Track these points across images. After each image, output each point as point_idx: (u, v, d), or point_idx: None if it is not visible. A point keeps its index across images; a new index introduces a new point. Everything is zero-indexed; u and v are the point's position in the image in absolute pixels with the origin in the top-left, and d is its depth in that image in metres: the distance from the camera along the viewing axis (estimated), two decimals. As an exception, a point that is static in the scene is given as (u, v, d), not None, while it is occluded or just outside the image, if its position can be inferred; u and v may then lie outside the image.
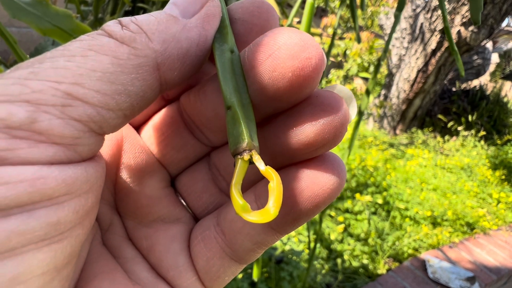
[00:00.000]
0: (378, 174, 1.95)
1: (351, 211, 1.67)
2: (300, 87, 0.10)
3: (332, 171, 0.11)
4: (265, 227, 0.11)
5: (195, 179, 0.13)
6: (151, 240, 0.12)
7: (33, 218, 0.07)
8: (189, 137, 0.13)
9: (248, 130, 0.10)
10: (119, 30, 0.09)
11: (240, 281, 0.91)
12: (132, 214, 0.12)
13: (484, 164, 2.56)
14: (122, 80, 0.08)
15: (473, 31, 2.65)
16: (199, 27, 0.10)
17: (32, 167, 0.07)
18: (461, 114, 3.16)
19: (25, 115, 0.07)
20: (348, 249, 1.44)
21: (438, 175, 2.27)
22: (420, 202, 1.81)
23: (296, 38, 0.09)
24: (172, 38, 0.09)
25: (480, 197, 2.06)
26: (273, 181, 0.10)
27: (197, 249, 0.12)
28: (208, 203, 0.13)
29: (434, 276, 1.24)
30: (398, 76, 3.16)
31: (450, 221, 1.71)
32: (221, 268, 0.12)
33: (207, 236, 0.12)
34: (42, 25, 0.30)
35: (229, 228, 0.12)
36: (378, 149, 2.52)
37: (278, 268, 1.01)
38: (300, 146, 0.10)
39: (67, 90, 0.08)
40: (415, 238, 1.54)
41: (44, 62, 0.08)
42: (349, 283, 1.24)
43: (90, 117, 0.08)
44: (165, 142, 0.13)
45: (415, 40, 3.02)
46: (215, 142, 0.13)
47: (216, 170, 0.13)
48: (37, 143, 0.08)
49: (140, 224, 0.12)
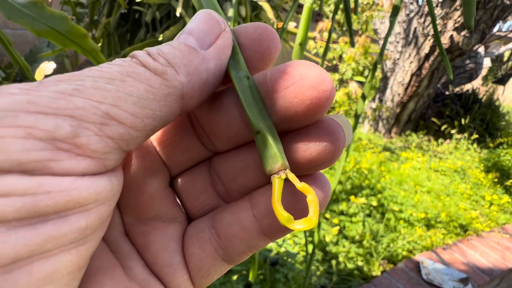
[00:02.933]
0: (373, 177, 1.96)
1: (346, 213, 1.67)
2: (314, 113, 0.11)
3: (321, 189, 0.12)
4: (259, 233, 0.12)
5: (194, 180, 0.14)
6: (148, 237, 0.13)
7: (67, 223, 0.08)
8: (196, 142, 0.14)
9: (279, 151, 0.11)
10: (152, 62, 0.10)
11: (235, 283, 0.91)
12: (132, 211, 0.13)
13: (477, 167, 2.59)
14: (152, 106, 0.10)
15: (465, 35, 2.69)
16: (216, 58, 0.11)
17: (69, 178, 0.08)
18: (454, 118, 3.20)
19: (69, 129, 0.08)
20: (343, 251, 1.44)
21: (432, 178, 2.29)
22: (414, 204, 1.83)
23: (317, 72, 0.11)
24: (195, 70, 0.11)
25: (473, 199, 2.08)
26: (311, 195, 0.11)
27: (191, 249, 0.13)
28: (205, 205, 0.14)
29: (428, 277, 1.25)
30: (392, 79, 3.19)
31: (444, 223, 1.73)
32: (212, 267, 0.13)
33: (202, 237, 0.13)
34: (37, 26, 0.30)
35: (224, 231, 0.12)
36: (372, 152, 2.54)
37: (273, 270, 1.01)
38: (303, 162, 0.12)
39: (106, 110, 0.09)
40: (409, 240, 1.55)
41: (85, 80, 0.09)
42: (344, 285, 1.25)
43: (121, 136, 0.09)
44: (172, 144, 0.13)
45: (408, 44, 3.06)
46: (220, 149, 0.14)
47: (216, 174, 0.14)
48: (75, 156, 0.08)
49: (138, 221, 0.13)
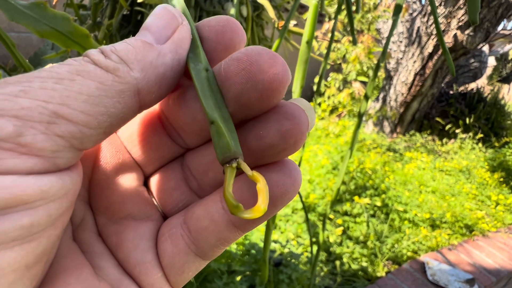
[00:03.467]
0: (377, 177, 1.95)
1: (350, 214, 1.67)
2: (269, 98, 0.11)
3: (290, 176, 0.12)
4: (229, 225, 0.12)
5: (167, 177, 0.14)
6: (120, 236, 0.13)
7: (8, 221, 0.08)
8: (166, 139, 0.14)
9: (233, 141, 0.11)
10: (103, 60, 0.10)
11: (238, 283, 0.90)
12: (105, 211, 0.13)
13: (482, 167, 2.56)
14: (105, 103, 0.10)
15: (469, 34, 2.67)
16: (173, 52, 0.11)
17: (12, 176, 0.08)
18: (459, 117, 3.17)
19: (12, 129, 0.08)
20: (347, 251, 1.43)
21: (436, 178, 2.28)
22: (419, 204, 1.81)
23: (267, 55, 0.11)
24: (150, 65, 0.10)
25: (479, 199, 2.06)
26: (260, 183, 0.11)
27: (164, 246, 0.13)
28: (178, 201, 0.14)
29: (433, 278, 1.23)
30: (395, 79, 3.17)
31: (449, 223, 1.71)
32: (186, 263, 0.12)
33: (174, 233, 0.13)
34: (39, 27, 0.30)
35: (195, 225, 0.12)
36: (376, 152, 2.53)
37: (276, 271, 1.00)
38: (265, 149, 0.12)
39: (54, 109, 0.09)
40: (414, 240, 1.53)
41: (33, 81, 0.09)
42: (349, 285, 1.24)
43: (72, 134, 0.09)
44: (143, 142, 0.13)
45: (412, 43, 3.05)
46: (190, 144, 0.14)
47: (188, 170, 0.14)
48: (19, 155, 0.08)
49: (110, 221, 0.13)
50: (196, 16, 0.59)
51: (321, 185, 1.80)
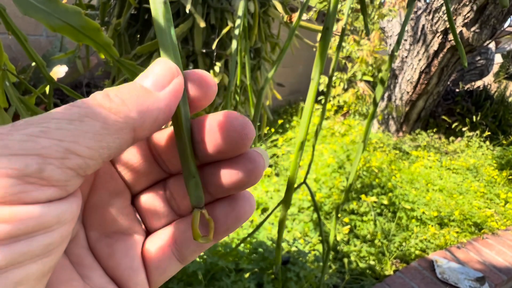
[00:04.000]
0: (383, 175, 1.94)
1: (357, 212, 1.66)
2: (240, 150, 0.14)
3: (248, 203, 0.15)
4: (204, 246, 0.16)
5: (153, 198, 0.16)
6: (112, 247, 0.15)
7: (34, 242, 0.10)
8: (155, 165, 0.16)
9: (202, 196, 0.15)
10: (108, 103, 0.12)
11: (247, 281, 0.90)
12: (98, 227, 0.15)
13: (490, 165, 2.53)
14: (107, 139, 0.12)
15: (475, 31, 2.65)
16: (167, 100, 0.13)
17: (37, 206, 0.10)
18: (465, 115, 3.14)
19: (36, 166, 0.10)
20: (355, 250, 1.42)
21: (444, 176, 2.25)
22: (426, 203, 1.80)
23: (241, 120, 0.14)
24: (147, 109, 0.13)
25: (487, 198, 2.03)
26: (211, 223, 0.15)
27: (152, 253, 0.16)
28: (162, 218, 0.16)
29: (442, 276, 1.22)
30: (400, 78, 3.16)
31: (458, 222, 1.69)
32: (168, 267, 0.16)
33: (162, 243, 0.16)
34: (52, 21, 0.31)
35: (180, 237, 0.16)
36: (382, 151, 2.51)
37: (284, 269, 1.00)
38: (233, 184, 0.15)
39: (67, 146, 0.11)
40: (422, 238, 1.52)
41: (50, 122, 0.11)
42: (357, 284, 1.23)
43: (80, 165, 0.11)
44: (135, 169, 0.16)
45: (417, 42, 3.03)
46: (173, 171, 0.17)
47: (170, 193, 0.16)
48: (41, 187, 0.10)
49: (103, 235, 0.15)
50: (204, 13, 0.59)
51: (327, 184, 1.79)
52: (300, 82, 3.83)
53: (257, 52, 0.63)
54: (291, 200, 0.25)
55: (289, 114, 3.22)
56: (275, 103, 3.44)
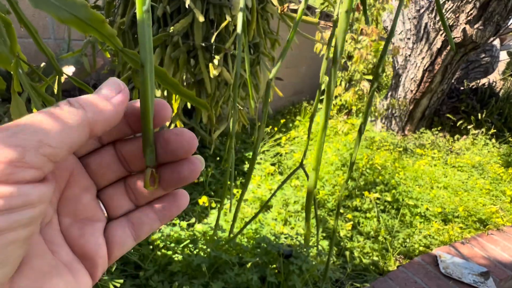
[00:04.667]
0: (387, 173, 1.94)
1: (360, 209, 1.66)
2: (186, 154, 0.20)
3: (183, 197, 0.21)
4: (158, 222, 0.21)
5: (115, 192, 0.21)
6: (82, 230, 0.20)
7: (23, 214, 0.14)
8: (118, 166, 0.21)
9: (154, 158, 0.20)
10: (67, 107, 0.16)
11: (250, 274, 0.92)
12: (70, 214, 0.20)
13: (496, 162, 2.51)
14: (69, 133, 0.16)
15: (478, 28, 2.63)
16: (115, 105, 0.18)
17: (26, 186, 0.14)
18: (470, 113, 3.12)
19: (19, 154, 0.14)
20: (358, 246, 1.43)
21: (448, 174, 2.24)
22: (430, 199, 1.79)
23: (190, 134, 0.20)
24: (99, 111, 0.17)
25: (493, 195, 2.02)
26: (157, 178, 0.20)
27: (114, 233, 0.20)
28: (123, 207, 0.21)
29: (446, 271, 1.22)
30: (404, 76, 3.15)
31: (462, 218, 1.69)
32: (126, 243, 0.21)
33: (123, 226, 0.21)
34: (61, 14, 0.33)
35: (137, 221, 0.21)
36: (385, 149, 2.51)
37: (287, 262, 1.01)
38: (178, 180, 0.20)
39: (41, 138, 0.15)
40: (425, 234, 1.52)
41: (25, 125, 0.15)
42: (360, 279, 1.24)
43: (50, 153, 0.15)
44: (101, 170, 0.21)
45: (420, 40, 3.02)
46: (134, 170, 0.21)
47: (129, 186, 0.21)
48: (24, 169, 0.14)
49: (74, 221, 0.20)
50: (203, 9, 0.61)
51: (330, 181, 1.80)
52: (303, 83, 3.84)
53: (256, 47, 0.65)
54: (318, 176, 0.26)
55: (292, 114, 3.24)
56: (279, 103, 3.45)
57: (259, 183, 1.82)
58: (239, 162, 2.15)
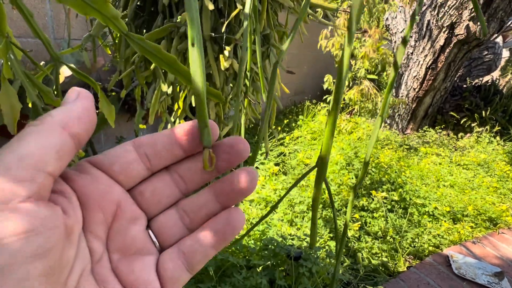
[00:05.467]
0: (393, 171, 1.91)
1: (367, 209, 1.63)
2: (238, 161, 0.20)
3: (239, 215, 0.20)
4: (212, 248, 0.19)
5: (167, 218, 0.19)
6: (131, 266, 0.18)
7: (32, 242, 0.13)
8: (174, 190, 0.19)
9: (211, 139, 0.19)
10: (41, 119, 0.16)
11: (258, 277, 0.88)
12: (119, 250, 0.18)
13: (502, 160, 2.48)
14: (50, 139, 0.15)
15: (482, 25, 2.60)
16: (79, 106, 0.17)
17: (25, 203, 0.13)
18: (474, 110, 3.09)
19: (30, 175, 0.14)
20: (366, 246, 1.39)
21: (454, 172, 2.21)
22: (438, 198, 1.76)
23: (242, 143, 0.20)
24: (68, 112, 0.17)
25: (501, 193, 1.99)
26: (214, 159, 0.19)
27: (166, 265, 0.18)
28: (176, 235, 0.19)
29: (459, 271, 1.18)
30: (406, 75, 3.12)
31: (471, 217, 1.65)
32: (181, 276, 0.18)
33: (174, 257, 0.19)
34: (60, -6, 0.30)
35: (189, 250, 0.19)
36: (389, 148, 2.48)
37: (296, 264, 0.98)
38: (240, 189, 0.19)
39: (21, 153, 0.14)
40: (435, 234, 1.48)
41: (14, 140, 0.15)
42: (370, 281, 1.20)
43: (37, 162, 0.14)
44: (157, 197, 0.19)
45: (422, 37, 3.00)
46: (191, 189, 0.20)
47: (183, 211, 0.19)
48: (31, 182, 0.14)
49: (123, 256, 0.18)
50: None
51: (335, 181, 1.77)
52: (305, 83, 3.81)
53: (265, 39, 0.62)
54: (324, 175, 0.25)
55: (294, 114, 3.21)
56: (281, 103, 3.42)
57: (263, 184, 1.78)
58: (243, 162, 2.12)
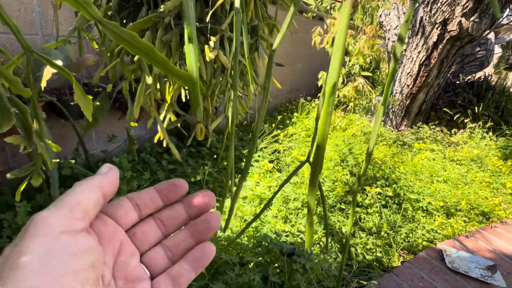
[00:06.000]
0: (387, 167, 1.91)
1: (362, 205, 1.63)
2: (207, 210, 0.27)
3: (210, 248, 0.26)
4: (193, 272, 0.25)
5: (154, 253, 0.26)
6: None
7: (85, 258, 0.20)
8: (158, 232, 0.26)
9: None
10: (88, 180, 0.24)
11: (252, 274, 0.87)
12: (122, 277, 0.23)
13: (495, 155, 2.50)
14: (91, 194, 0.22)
15: (474, 21, 2.62)
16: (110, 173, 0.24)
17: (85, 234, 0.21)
18: (467, 106, 3.11)
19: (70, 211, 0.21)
20: (360, 242, 1.39)
21: (447, 167, 2.22)
22: (432, 193, 1.76)
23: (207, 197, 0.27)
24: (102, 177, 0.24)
25: (493, 187, 2.00)
26: None
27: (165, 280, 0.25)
28: (162, 265, 0.26)
29: (452, 265, 1.19)
30: (400, 71, 3.13)
31: (464, 211, 1.66)
32: None
33: (166, 281, 0.25)
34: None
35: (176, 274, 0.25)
36: (383, 145, 2.48)
37: (290, 261, 0.97)
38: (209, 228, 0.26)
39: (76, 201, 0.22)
40: (429, 229, 1.49)
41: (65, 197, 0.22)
42: (364, 276, 1.20)
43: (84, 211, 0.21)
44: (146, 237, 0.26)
45: (415, 34, 3.00)
46: (170, 231, 0.26)
47: (166, 246, 0.26)
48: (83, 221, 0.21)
49: (125, 282, 0.23)
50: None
51: (330, 177, 1.77)
52: (300, 81, 3.81)
53: (254, 30, 0.61)
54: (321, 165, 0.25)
55: (289, 111, 3.20)
56: (276, 100, 3.41)
57: (257, 181, 1.77)
58: (237, 160, 2.10)
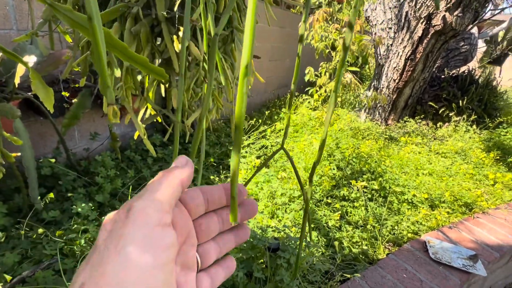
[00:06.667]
0: (373, 161, 1.92)
1: (348, 199, 1.63)
2: None
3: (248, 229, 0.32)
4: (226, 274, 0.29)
5: (209, 246, 0.28)
6: (186, 277, 0.25)
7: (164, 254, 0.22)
8: (217, 227, 0.28)
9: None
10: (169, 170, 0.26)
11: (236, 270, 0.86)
12: (181, 264, 0.25)
13: (478, 147, 2.55)
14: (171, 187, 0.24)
15: (458, 15, 2.65)
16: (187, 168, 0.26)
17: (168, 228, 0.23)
18: (452, 100, 3.16)
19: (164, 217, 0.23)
20: (346, 235, 1.40)
21: (433, 160, 2.26)
22: (417, 186, 1.79)
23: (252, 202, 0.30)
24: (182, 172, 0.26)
25: (476, 179, 2.04)
26: None
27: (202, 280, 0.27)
28: (211, 259, 0.28)
29: (435, 256, 1.21)
30: (386, 66, 3.16)
31: (448, 203, 1.69)
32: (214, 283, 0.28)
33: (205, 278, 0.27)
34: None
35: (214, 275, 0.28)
36: (370, 139, 2.50)
37: (274, 256, 0.96)
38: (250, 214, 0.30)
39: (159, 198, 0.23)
40: (413, 221, 1.51)
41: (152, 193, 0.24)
42: (350, 269, 1.20)
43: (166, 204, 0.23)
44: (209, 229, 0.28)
45: (401, 29, 3.03)
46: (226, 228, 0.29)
47: (217, 244, 0.29)
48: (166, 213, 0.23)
49: (182, 269, 0.25)
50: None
51: (317, 172, 1.77)
52: (288, 76, 3.80)
53: (228, 22, 0.60)
54: (241, 143, 0.26)
55: (277, 107, 3.19)
56: (264, 96, 3.40)
57: (244, 177, 1.76)
58: (223, 156, 2.09)
